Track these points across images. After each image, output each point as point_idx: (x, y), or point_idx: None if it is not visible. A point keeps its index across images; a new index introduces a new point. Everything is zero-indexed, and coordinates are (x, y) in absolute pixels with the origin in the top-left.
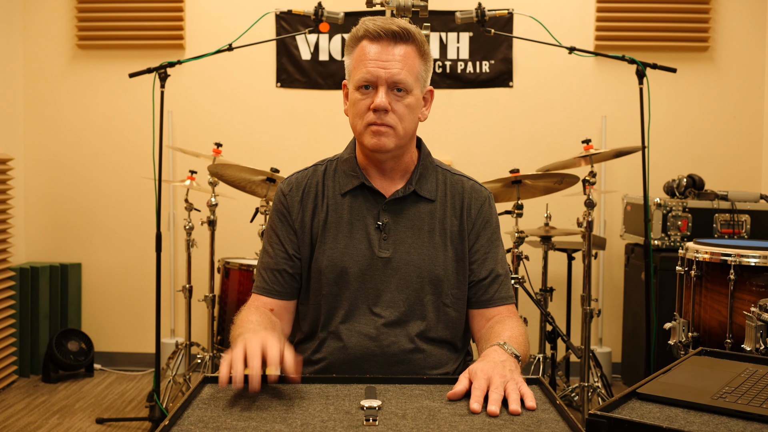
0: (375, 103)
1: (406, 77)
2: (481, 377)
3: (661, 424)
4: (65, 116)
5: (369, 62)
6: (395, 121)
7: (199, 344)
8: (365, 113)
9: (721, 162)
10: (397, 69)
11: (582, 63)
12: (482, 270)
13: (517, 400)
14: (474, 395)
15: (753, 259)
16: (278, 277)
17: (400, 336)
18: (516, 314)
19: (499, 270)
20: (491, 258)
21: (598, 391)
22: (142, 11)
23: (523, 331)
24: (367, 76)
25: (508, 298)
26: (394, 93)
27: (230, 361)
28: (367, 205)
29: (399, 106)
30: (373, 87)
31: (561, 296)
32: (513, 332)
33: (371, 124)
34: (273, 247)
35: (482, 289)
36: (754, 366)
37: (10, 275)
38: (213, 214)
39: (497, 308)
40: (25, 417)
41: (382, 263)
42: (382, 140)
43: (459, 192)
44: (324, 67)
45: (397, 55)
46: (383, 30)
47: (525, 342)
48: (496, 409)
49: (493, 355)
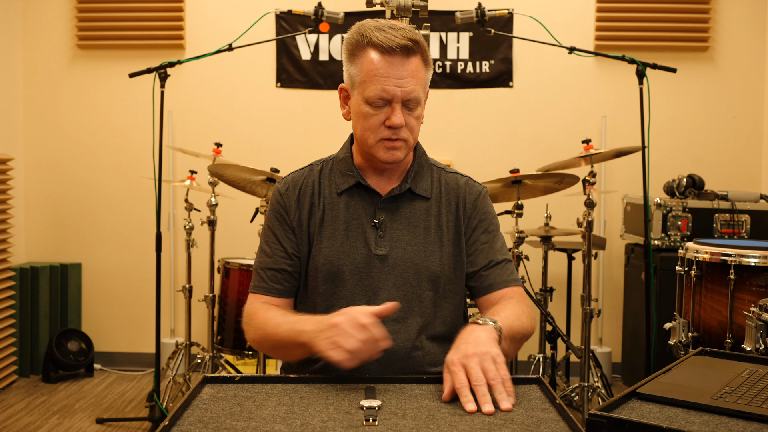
0: (392, 121)
1: (419, 92)
2: (458, 371)
3: (661, 424)
4: (65, 116)
5: (383, 80)
6: (407, 134)
7: (199, 344)
8: (378, 128)
9: (721, 162)
10: (411, 86)
11: (582, 63)
12: (480, 260)
13: (503, 394)
14: (462, 395)
15: (753, 259)
16: (277, 276)
17: (399, 333)
18: (521, 295)
19: (498, 257)
20: (488, 248)
21: (598, 391)
22: (142, 11)
23: (520, 310)
24: (383, 95)
25: (510, 281)
26: (406, 108)
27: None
28: (363, 204)
29: (410, 119)
30: (387, 103)
31: (561, 296)
32: (506, 311)
33: (385, 139)
34: (271, 247)
35: (482, 276)
36: (754, 366)
37: (10, 275)
38: (213, 214)
39: (501, 291)
40: (25, 417)
41: (379, 261)
42: (396, 154)
43: (454, 189)
44: (324, 67)
45: (409, 70)
46: (396, 45)
47: (518, 315)
48: (491, 408)
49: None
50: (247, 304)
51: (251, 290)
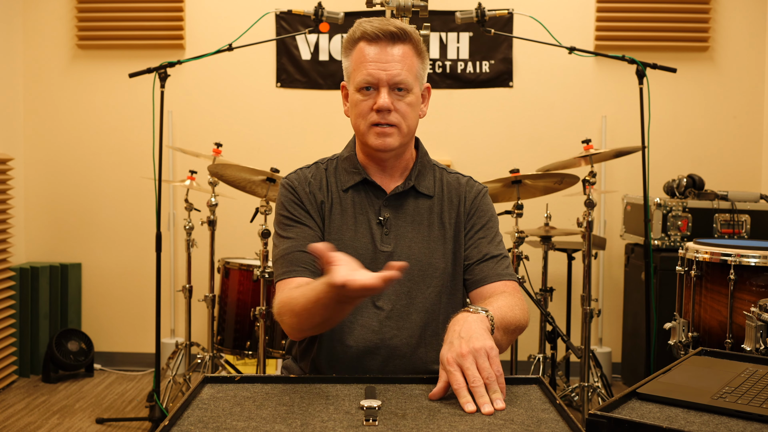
0: (378, 103)
1: (406, 77)
2: (453, 371)
3: (661, 424)
4: (65, 116)
5: (369, 64)
6: (398, 119)
7: (199, 344)
8: (368, 114)
9: (721, 162)
10: (396, 70)
11: (582, 63)
12: (474, 252)
13: (498, 393)
14: (460, 396)
15: (753, 259)
16: (305, 257)
17: (402, 329)
18: (515, 289)
19: (492, 251)
20: (484, 242)
21: (598, 391)
22: (142, 11)
23: (513, 302)
24: (369, 78)
25: (504, 275)
26: (395, 93)
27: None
28: (369, 201)
29: (401, 104)
30: (375, 88)
31: (561, 296)
32: (501, 302)
33: (375, 125)
34: (292, 231)
35: (475, 269)
36: (754, 366)
37: (10, 275)
38: (213, 214)
39: (493, 284)
40: (25, 417)
41: (385, 257)
42: (386, 141)
43: (455, 188)
44: (324, 67)
45: (396, 55)
46: (381, 31)
47: (510, 307)
48: (490, 408)
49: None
50: (275, 296)
51: (277, 279)
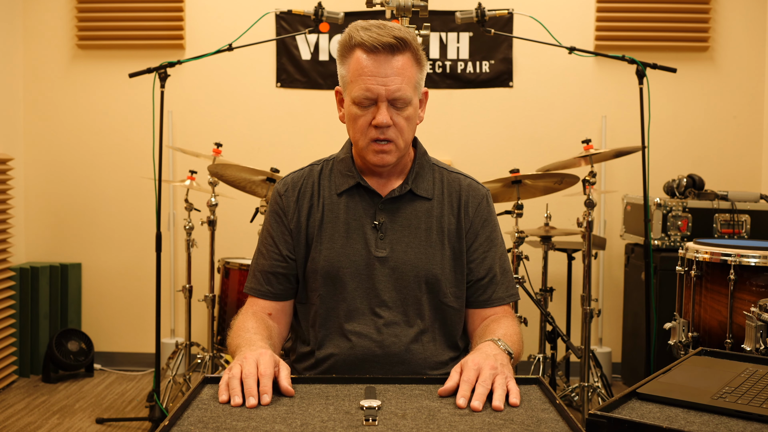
0: (377, 120)
1: (405, 91)
2: (471, 368)
3: (661, 424)
4: (65, 116)
5: (368, 78)
6: (396, 134)
7: (199, 344)
8: (366, 129)
9: (721, 162)
10: (396, 84)
11: (582, 63)
12: (480, 269)
13: (502, 397)
14: (461, 389)
15: (753, 259)
16: (272, 279)
17: (400, 335)
18: (512, 314)
19: (497, 269)
20: (490, 257)
21: (598, 391)
22: (142, 11)
23: (517, 330)
24: (368, 94)
25: (506, 298)
26: (394, 107)
27: (227, 382)
28: (364, 205)
29: (399, 119)
30: (373, 103)
31: (561, 296)
32: (507, 330)
33: (374, 141)
34: (267, 249)
35: (480, 289)
36: (754, 366)
37: (10, 275)
38: (213, 214)
39: (494, 308)
40: (25, 417)
41: (379, 263)
42: (385, 158)
43: (456, 190)
44: (324, 67)
45: (395, 68)
46: (380, 43)
47: (519, 341)
48: (479, 405)
49: (485, 349)
50: (244, 306)
51: (246, 290)
